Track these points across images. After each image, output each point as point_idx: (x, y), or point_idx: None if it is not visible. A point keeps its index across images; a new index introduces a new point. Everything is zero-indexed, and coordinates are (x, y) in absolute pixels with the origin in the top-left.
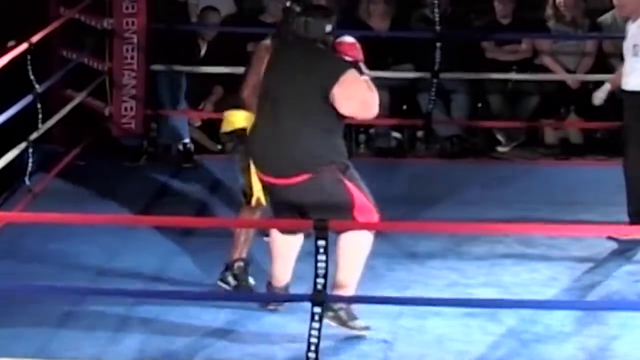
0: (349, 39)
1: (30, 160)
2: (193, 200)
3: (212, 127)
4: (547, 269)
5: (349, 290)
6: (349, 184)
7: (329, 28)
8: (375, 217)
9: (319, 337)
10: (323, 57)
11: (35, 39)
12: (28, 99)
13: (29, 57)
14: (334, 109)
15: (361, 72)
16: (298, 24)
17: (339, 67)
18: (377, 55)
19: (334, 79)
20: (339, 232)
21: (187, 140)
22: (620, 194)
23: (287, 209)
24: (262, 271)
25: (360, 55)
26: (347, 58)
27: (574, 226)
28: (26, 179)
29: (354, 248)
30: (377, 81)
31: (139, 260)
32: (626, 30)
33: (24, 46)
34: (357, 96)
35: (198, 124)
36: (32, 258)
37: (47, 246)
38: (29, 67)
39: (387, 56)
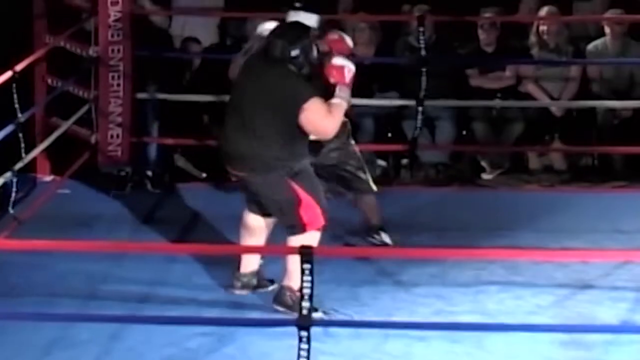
0: (332, 35)
1: (15, 189)
2: (178, 228)
3: (197, 155)
4: (532, 296)
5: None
6: (295, 186)
7: (294, 52)
8: (318, 214)
9: None
10: (291, 82)
11: (19, 67)
12: (12, 127)
13: (13, 85)
14: (295, 125)
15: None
16: (268, 43)
17: (303, 95)
18: (362, 83)
19: (298, 105)
20: (290, 232)
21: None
22: (605, 221)
23: (250, 196)
24: None
25: (345, 47)
26: (336, 53)
27: (558, 253)
28: (11, 207)
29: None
30: (362, 109)
31: (124, 287)
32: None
33: (7, 74)
34: (316, 124)
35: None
36: (17, 285)
37: (32, 274)
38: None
39: (372, 84)
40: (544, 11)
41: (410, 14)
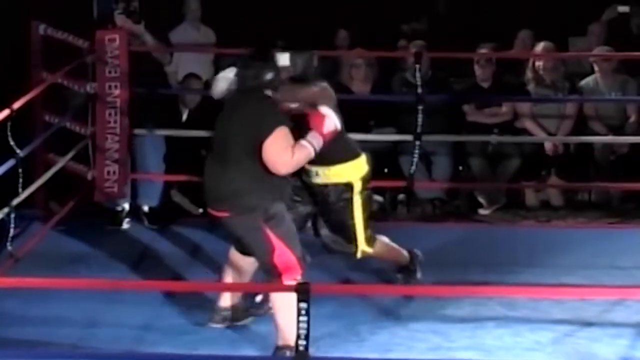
0: (320, 111)
1: (13, 225)
2: (175, 264)
3: (193, 190)
4: (530, 332)
5: (288, 337)
6: (270, 233)
7: (269, 75)
8: (293, 263)
9: None
10: (261, 110)
11: (17, 104)
12: (10, 163)
13: (9, 123)
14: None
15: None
16: (243, 74)
17: (272, 123)
18: (359, 118)
19: (267, 133)
20: (267, 275)
21: (155, 203)
22: (602, 257)
23: (230, 235)
24: None
25: (322, 128)
26: (311, 129)
27: (556, 289)
28: (8, 243)
29: (275, 308)
30: (359, 144)
31: (120, 324)
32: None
33: (5, 112)
34: (272, 153)
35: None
36: (14, 323)
37: (29, 311)
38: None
39: (369, 120)
40: (539, 47)
41: (407, 50)
